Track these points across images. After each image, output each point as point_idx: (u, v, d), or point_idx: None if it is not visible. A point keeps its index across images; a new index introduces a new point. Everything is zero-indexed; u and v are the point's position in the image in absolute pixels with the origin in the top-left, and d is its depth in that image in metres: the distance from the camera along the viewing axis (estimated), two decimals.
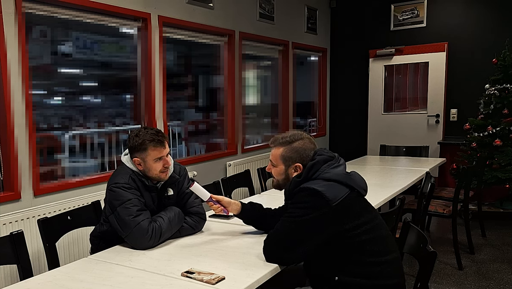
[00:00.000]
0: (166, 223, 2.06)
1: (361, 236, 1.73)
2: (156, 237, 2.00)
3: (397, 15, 6.34)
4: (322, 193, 1.72)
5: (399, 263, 1.85)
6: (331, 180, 1.78)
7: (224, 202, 2.15)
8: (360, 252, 1.74)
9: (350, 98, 6.89)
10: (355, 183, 1.82)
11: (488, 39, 5.68)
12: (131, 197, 2.05)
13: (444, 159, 4.77)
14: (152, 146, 2.10)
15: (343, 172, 1.85)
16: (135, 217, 1.99)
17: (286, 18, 5.81)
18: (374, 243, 1.75)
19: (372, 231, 1.77)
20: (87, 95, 3.64)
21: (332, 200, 1.71)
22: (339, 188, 1.76)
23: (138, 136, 2.12)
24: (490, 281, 3.36)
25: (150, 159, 2.11)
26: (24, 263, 1.95)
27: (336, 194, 1.73)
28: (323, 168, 1.83)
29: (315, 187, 1.74)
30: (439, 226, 4.76)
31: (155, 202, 2.21)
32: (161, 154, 2.12)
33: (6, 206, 2.87)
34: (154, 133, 2.13)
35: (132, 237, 1.99)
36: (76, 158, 3.49)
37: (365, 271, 1.73)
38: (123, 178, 2.11)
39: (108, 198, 2.11)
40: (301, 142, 1.92)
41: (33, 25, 3.13)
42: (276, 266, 1.77)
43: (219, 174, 4.66)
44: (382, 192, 3.06)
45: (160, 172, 2.14)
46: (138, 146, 2.10)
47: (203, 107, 4.96)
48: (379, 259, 1.74)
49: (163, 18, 3.97)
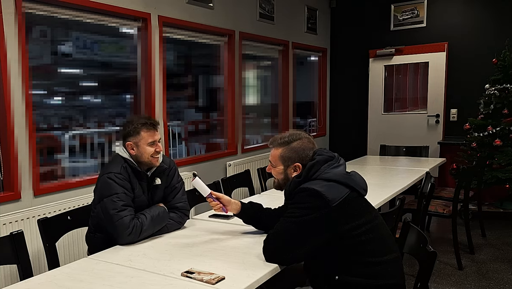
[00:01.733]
0: (148, 221, 2.11)
1: (361, 236, 1.73)
2: (136, 233, 2.06)
3: (397, 15, 6.34)
4: (322, 193, 1.72)
5: (399, 263, 1.85)
6: (331, 180, 1.78)
7: (224, 200, 2.16)
8: (360, 252, 1.74)
9: (350, 98, 6.89)
10: (355, 183, 1.82)
11: (488, 39, 5.68)
12: (119, 191, 2.10)
13: (444, 159, 4.77)
14: (145, 128, 2.18)
15: (343, 172, 1.85)
16: (119, 212, 2.05)
17: (286, 18, 5.81)
18: (374, 243, 1.75)
19: (372, 231, 1.77)
20: (87, 95, 3.64)
21: (332, 200, 1.71)
22: (339, 188, 1.76)
23: (131, 122, 2.22)
24: (490, 281, 3.36)
25: (143, 143, 2.18)
26: (24, 263, 1.95)
27: (336, 195, 1.73)
28: (323, 168, 1.83)
29: (315, 187, 1.74)
30: (439, 226, 4.76)
31: (145, 191, 2.25)
32: (153, 138, 2.20)
33: (6, 206, 2.87)
34: (146, 117, 2.25)
35: (114, 230, 2.05)
36: (76, 158, 3.49)
37: (365, 270, 1.73)
38: (115, 167, 2.16)
39: (98, 187, 2.16)
40: (299, 142, 1.93)
41: (33, 25, 3.13)
42: (276, 266, 1.77)
43: (219, 174, 4.66)
44: (382, 192, 3.06)
45: (152, 156, 2.21)
46: (132, 130, 2.19)
47: (203, 107, 4.96)
48: (379, 259, 1.75)
49: (163, 18, 3.97)
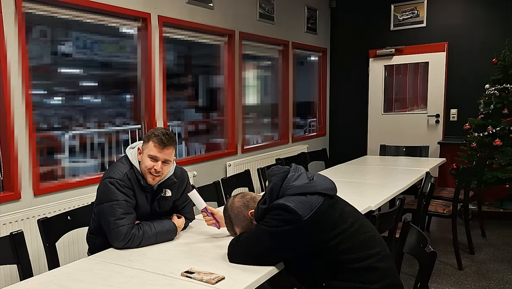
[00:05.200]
0: (152, 234, 2.06)
1: (337, 247, 1.70)
2: (134, 243, 2.01)
3: (397, 15, 6.34)
4: (292, 208, 1.71)
5: (386, 264, 1.76)
6: (297, 193, 1.77)
7: (218, 216, 2.20)
8: (341, 261, 1.70)
9: (350, 98, 6.89)
10: (321, 187, 1.80)
11: (488, 39, 5.68)
12: (120, 198, 2.05)
13: (444, 159, 4.76)
14: (155, 140, 2.09)
15: (305, 181, 1.82)
16: (117, 220, 2.01)
17: (286, 18, 5.81)
18: (352, 252, 1.71)
19: (349, 239, 1.73)
20: (87, 95, 3.64)
21: (302, 214, 1.70)
22: (309, 200, 1.74)
23: (152, 130, 2.15)
24: (490, 281, 3.36)
25: (146, 152, 2.12)
26: (24, 263, 1.95)
27: (306, 208, 1.71)
28: (284, 186, 1.81)
29: (285, 202, 1.74)
30: (439, 226, 4.76)
31: (149, 201, 2.21)
32: (156, 154, 2.09)
33: (6, 206, 2.87)
34: (163, 133, 2.12)
35: (109, 236, 2.04)
36: (76, 158, 3.49)
37: (350, 277, 1.70)
38: (119, 173, 2.10)
39: (99, 190, 2.13)
40: (234, 209, 1.98)
41: (33, 25, 3.13)
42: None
43: (219, 174, 4.66)
44: (382, 192, 3.07)
45: (148, 171, 2.11)
46: (148, 136, 2.14)
47: (203, 107, 4.96)
48: (360, 265, 1.70)
49: (163, 18, 3.97)
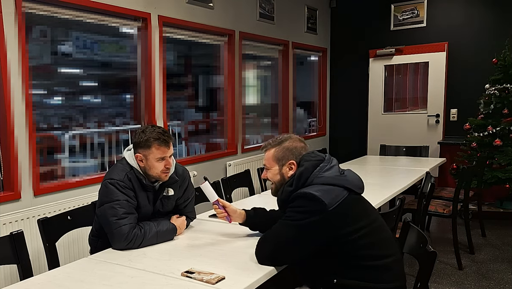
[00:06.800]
0: (152, 234, 2.05)
1: (358, 241, 1.72)
2: (135, 243, 1.99)
3: (397, 15, 6.34)
4: (319, 197, 1.71)
5: (399, 266, 1.82)
6: (326, 183, 1.77)
7: (230, 209, 2.14)
8: (358, 256, 1.72)
9: (350, 98, 6.89)
10: (350, 183, 1.81)
11: (488, 39, 5.68)
12: (121, 198, 2.04)
13: (444, 159, 4.77)
14: (157, 144, 2.08)
15: (337, 174, 1.84)
16: (118, 220, 2.00)
17: (286, 18, 5.81)
18: (372, 248, 1.74)
19: (371, 235, 1.75)
20: (87, 95, 3.64)
21: (329, 204, 1.70)
22: (335, 191, 1.75)
23: (144, 133, 2.11)
24: (490, 281, 3.36)
25: (152, 157, 2.09)
26: (24, 263, 1.95)
27: (333, 198, 1.72)
28: (314, 173, 1.81)
29: (312, 191, 1.74)
30: (439, 226, 4.76)
31: (151, 201, 2.20)
32: (164, 154, 2.10)
33: (6, 206, 2.87)
34: (160, 132, 2.11)
35: (111, 237, 2.02)
36: (76, 158, 3.49)
37: (363, 274, 1.72)
38: (119, 174, 2.10)
39: (100, 192, 2.12)
40: (290, 142, 1.95)
41: (33, 25, 3.13)
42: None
43: (219, 174, 4.66)
44: (382, 192, 3.06)
45: (161, 172, 2.12)
46: (143, 142, 2.09)
47: (203, 107, 4.96)
48: (377, 263, 1.73)
49: (163, 18, 3.97)
